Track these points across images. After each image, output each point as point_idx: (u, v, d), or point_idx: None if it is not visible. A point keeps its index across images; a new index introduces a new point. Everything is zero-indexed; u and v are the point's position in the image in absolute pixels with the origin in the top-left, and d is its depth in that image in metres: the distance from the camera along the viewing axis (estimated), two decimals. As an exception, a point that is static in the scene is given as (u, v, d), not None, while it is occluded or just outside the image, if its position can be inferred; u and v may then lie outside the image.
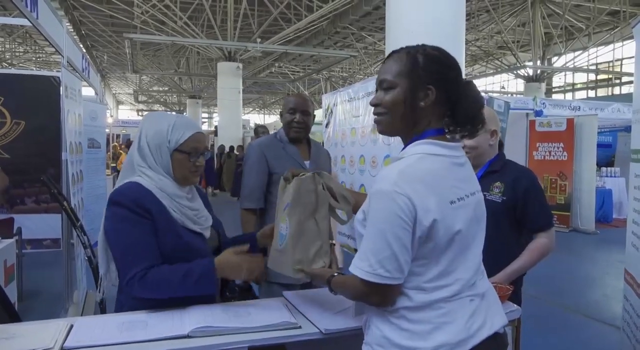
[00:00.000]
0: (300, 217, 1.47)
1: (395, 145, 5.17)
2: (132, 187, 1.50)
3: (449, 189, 1.17)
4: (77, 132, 4.42)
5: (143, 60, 22.09)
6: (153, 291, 1.44)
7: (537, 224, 2.04)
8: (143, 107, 37.52)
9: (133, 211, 1.45)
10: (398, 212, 1.11)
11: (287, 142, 2.55)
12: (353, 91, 6.48)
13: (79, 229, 3.46)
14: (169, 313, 1.47)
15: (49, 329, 1.36)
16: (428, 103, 1.20)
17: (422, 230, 1.12)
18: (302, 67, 23.85)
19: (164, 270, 1.44)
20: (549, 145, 8.97)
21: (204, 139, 1.61)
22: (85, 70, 5.47)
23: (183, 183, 1.59)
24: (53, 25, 3.78)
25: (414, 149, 1.21)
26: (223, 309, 1.49)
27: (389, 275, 1.13)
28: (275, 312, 1.49)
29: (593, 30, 16.71)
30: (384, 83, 1.25)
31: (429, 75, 1.20)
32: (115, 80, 31.57)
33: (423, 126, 1.23)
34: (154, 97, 33.33)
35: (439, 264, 1.16)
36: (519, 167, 2.16)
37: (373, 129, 5.79)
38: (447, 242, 1.16)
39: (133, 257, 1.44)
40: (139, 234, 1.45)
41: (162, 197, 1.51)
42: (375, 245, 1.13)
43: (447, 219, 1.15)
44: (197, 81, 25.24)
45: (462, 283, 1.18)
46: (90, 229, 4.97)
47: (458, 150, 1.25)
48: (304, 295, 1.70)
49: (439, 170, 1.18)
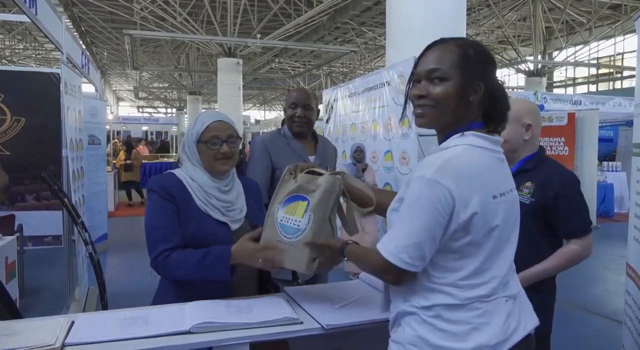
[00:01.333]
0: (324, 216, 1.46)
1: (396, 141, 5.15)
2: (165, 175, 1.66)
3: (492, 183, 1.16)
4: (77, 129, 4.41)
5: (143, 56, 22.05)
6: (173, 272, 1.52)
7: (568, 230, 1.91)
8: (143, 103, 37.51)
9: (161, 196, 1.58)
10: (435, 203, 1.10)
11: (291, 137, 2.54)
12: (353, 86, 6.46)
13: (80, 226, 3.46)
14: (170, 309, 1.47)
15: (50, 325, 1.35)
16: (476, 99, 1.19)
17: (458, 223, 1.11)
18: (303, 62, 23.79)
19: (186, 252, 1.52)
20: (550, 140, 8.96)
21: (223, 126, 1.65)
22: (85, 67, 5.46)
23: (215, 173, 1.65)
24: (52, 21, 3.77)
25: (459, 140, 1.19)
26: (224, 305, 1.48)
27: (409, 262, 1.13)
28: (276, 308, 1.49)
29: (594, 24, 16.63)
30: (436, 72, 1.19)
31: (478, 70, 1.19)
32: (115, 77, 31.52)
33: (465, 121, 1.21)
34: (154, 94, 33.29)
35: (475, 260, 1.15)
36: (556, 167, 1.99)
37: (373, 124, 5.78)
38: (484, 237, 1.14)
39: (158, 237, 1.54)
40: (165, 216, 1.56)
41: (192, 185, 1.61)
42: (404, 230, 1.14)
43: (487, 213, 1.13)
44: (197, 77, 25.19)
45: (497, 281, 1.17)
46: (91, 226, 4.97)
47: (499, 145, 1.24)
48: (306, 290, 1.70)
49: (484, 163, 1.17)
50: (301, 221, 1.47)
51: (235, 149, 1.66)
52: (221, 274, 1.51)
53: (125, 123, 22.83)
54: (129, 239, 7.42)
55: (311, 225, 1.45)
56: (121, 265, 6.01)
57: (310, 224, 1.45)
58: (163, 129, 24.25)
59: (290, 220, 1.49)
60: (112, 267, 5.85)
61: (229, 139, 1.65)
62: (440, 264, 1.16)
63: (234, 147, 1.66)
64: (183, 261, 1.51)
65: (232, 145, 1.66)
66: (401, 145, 5.04)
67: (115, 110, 34.58)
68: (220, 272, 1.50)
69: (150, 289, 1.71)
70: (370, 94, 5.87)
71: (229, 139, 1.65)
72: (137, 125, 23.40)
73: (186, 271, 1.51)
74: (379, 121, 5.58)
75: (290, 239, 1.47)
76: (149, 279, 1.73)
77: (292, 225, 1.48)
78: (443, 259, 1.16)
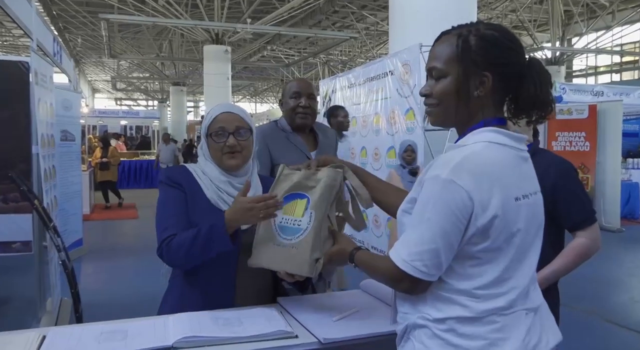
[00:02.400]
0: (324, 213, 1.48)
1: (400, 136, 5.16)
2: (174, 167, 1.79)
3: (514, 184, 1.16)
4: (49, 124, 4.40)
5: (121, 43, 22.00)
6: (174, 256, 1.56)
7: (572, 221, 1.97)
8: (122, 95, 37.43)
9: (167, 184, 1.68)
10: (452, 206, 1.09)
11: (290, 131, 2.55)
12: (354, 76, 6.47)
13: (52, 230, 3.45)
14: (151, 321, 1.47)
15: (19, 341, 1.35)
16: (484, 92, 1.18)
17: (477, 227, 1.11)
18: (297, 50, 23.78)
19: (183, 234, 1.56)
20: (569, 135, 8.99)
21: (230, 118, 1.70)
22: (57, 55, 5.44)
23: (226, 168, 1.69)
24: (21, 4, 3.76)
25: (478, 136, 1.18)
26: (212, 317, 1.48)
27: (425, 270, 1.12)
28: (269, 320, 1.48)
29: (617, 8, 16.68)
30: (434, 71, 1.23)
31: (484, 61, 1.17)
32: (91, 66, 31.43)
33: (480, 116, 1.21)
34: (134, 85, 33.23)
35: (494, 268, 1.14)
36: (550, 157, 2.08)
37: (375, 117, 5.78)
38: (504, 243, 1.14)
39: (165, 226, 1.60)
40: (171, 204, 1.64)
41: (202, 178, 1.69)
42: (419, 236, 1.13)
43: (508, 216, 1.13)
44: (181, 66, 25.15)
45: (517, 292, 1.16)
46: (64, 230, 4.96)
47: (523, 143, 1.23)
48: (301, 301, 1.70)
49: (506, 161, 1.16)
50: (302, 220, 1.48)
51: (246, 142, 1.69)
52: (221, 244, 1.51)
53: (102, 117, 22.78)
54: (107, 245, 7.40)
55: (313, 224, 1.46)
56: (98, 274, 6.00)
57: (312, 222, 1.46)
58: (144, 123, 24.19)
59: (290, 220, 1.50)
60: (87, 276, 5.84)
61: (236, 131, 1.68)
62: (455, 271, 1.16)
63: (244, 139, 1.69)
64: (181, 241, 1.54)
65: (241, 137, 1.68)
66: (406, 140, 5.04)
67: (91, 103, 34.52)
68: (219, 242, 1.51)
69: (130, 299, 1.72)
70: (372, 85, 5.87)
71: (236, 131, 1.68)
72: (114, 119, 23.33)
73: (185, 251, 1.53)
74: (382, 114, 5.59)
75: (291, 240, 1.48)
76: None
77: (291, 225, 1.49)
78: (459, 265, 1.15)
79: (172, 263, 1.63)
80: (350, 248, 1.39)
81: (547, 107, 1.21)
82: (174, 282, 1.71)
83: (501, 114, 1.23)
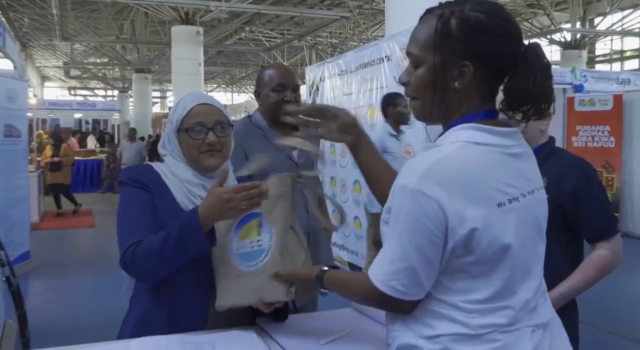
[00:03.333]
0: (285, 223, 1.49)
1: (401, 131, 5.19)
2: (137, 166, 1.77)
3: (497, 188, 1.16)
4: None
5: (75, 24, 21.83)
6: (142, 265, 1.53)
7: (594, 231, 2.00)
8: (76, 84, 37.14)
9: (129, 184, 1.65)
10: (422, 218, 1.10)
11: (267, 127, 2.53)
12: (344, 62, 6.49)
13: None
14: (110, 347, 1.47)
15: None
16: (464, 84, 1.19)
17: (455, 240, 1.12)
18: (280, 31, 23.76)
19: (151, 238, 1.53)
20: (591, 129, 9.06)
21: (209, 110, 1.69)
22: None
23: (201, 168, 1.69)
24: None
25: (455, 135, 1.19)
26: (180, 341, 1.48)
27: (402, 290, 1.14)
28: (245, 345, 1.49)
29: (646, -16, 16.87)
30: (410, 57, 1.25)
31: (464, 49, 1.17)
32: (40, 50, 31.15)
33: (464, 110, 1.21)
34: (91, 72, 32.99)
35: (488, 283, 1.15)
36: (569, 157, 2.12)
37: (369, 110, 5.81)
38: (496, 256, 1.14)
39: (127, 231, 1.58)
40: (136, 206, 1.62)
41: (171, 180, 1.67)
42: (392, 253, 1.15)
43: (492, 227, 1.13)
44: (145, 51, 25.01)
45: (519, 306, 1.17)
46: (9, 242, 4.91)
47: (512, 137, 1.22)
48: (284, 322, 1.70)
49: (485, 163, 1.16)
50: (261, 239, 1.49)
51: (226, 138, 1.69)
52: (196, 245, 1.50)
53: (53, 109, 22.61)
54: (58, 258, 7.34)
55: (275, 239, 1.48)
56: (48, 292, 5.96)
57: (274, 237, 1.48)
58: (102, 116, 24.08)
59: (248, 244, 1.51)
60: (36, 295, 5.79)
61: (216, 126, 1.67)
62: (444, 284, 1.17)
63: (224, 136, 1.69)
64: (149, 247, 1.51)
65: (221, 133, 1.68)
66: (405, 135, 5.07)
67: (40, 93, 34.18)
68: (193, 243, 1.49)
69: (86, 321, 1.72)
70: (366, 72, 5.89)
71: (216, 126, 1.68)
72: (68, 111, 23.19)
73: (155, 258, 1.50)
74: (377, 106, 5.60)
75: (256, 265, 1.50)
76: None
77: (251, 249, 1.51)
78: (447, 279, 1.17)
79: (140, 274, 1.59)
80: (315, 272, 1.39)
81: (540, 102, 1.20)
82: (135, 300, 1.69)
83: (489, 106, 1.23)
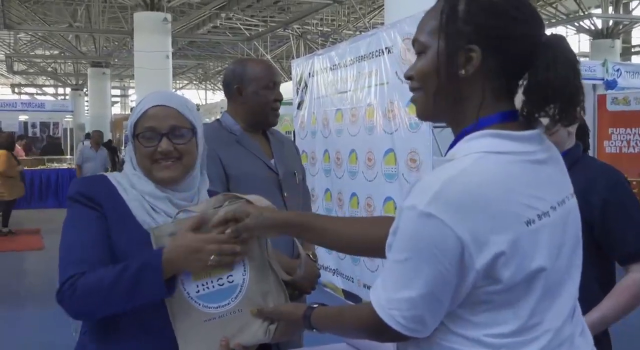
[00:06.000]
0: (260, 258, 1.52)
1: (402, 135, 5.19)
2: (89, 178, 1.77)
3: (524, 203, 1.15)
4: None
5: (20, 10, 21.79)
6: (81, 303, 1.51)
7: (626, 251, 2.01)
8: (21, 80, 36.98)
9: (77, 201, 1.63)
10: (432, 247, 1.11)
11: (241, 132, 2.55)
12: (338, 54, 6.49)
13: None
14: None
15: None
16: (471, 70, 1.20)
17: (476, 270, 1.11)
18: (262, 18, 23.82)
19: (99, 272, 1.51)
20: (626, 132, 9.10)
21: (164, 113, 1.66)
22: None
23: (156, 180, 1.66)
24: None
25: (469, 146, 1.19)
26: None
27: (402, 323, 1.14)
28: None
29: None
30: (415, 45, 1.29)
31: (472, 31, 1.20)
32: (-22, 41, 31.11)
33: (474, 107, 1.22)
34: (38, 66, 32.90)
35: (518, 314, 1.15)
36: (597, 165, 2.14)
37: (368, 110, 5.81)
38: (525, 282, 1.15)
39: (69, 260, 1.55)
40: (82, 230, 1.60)
41: (129, 193, 1.66)
42: (394, 278, 1.16)
43: (521, 249, 1.13)
44: (103, 41, 24.98)
45: (549, 337, 1.18)
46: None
47: (534, 141, 1.22)
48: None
49: (508, 176, 1.16)
50: (233, 274, 1.50)
51: (186, 145, 1.66)
52: (153, 292, 1.49)
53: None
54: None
55: (250, 273, 1.50)
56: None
57: (248, 271, 1.50)
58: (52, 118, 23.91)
59: (213, 283, 1.51)
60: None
61: (172, 132, 1.65)
62: (465, 318, 1.17)
63: (182, 143, 1.66)
64: (95, 282, 1.49)
65: (179, 140, 1.65)
66: (409, 141, 5.07)
67: (-22, 91, 34.08)
68: (150, 288, 1.48)
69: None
70: (363, 66, 5.90)
71: (172, 131, 1.65)
72: (11, 113, 23.02)
73: (100, 296, 1.49)
74: (377, 106, 5.62)
75: (228, 305, 1.50)
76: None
77: (220, 287, 1.51)
78: (468, 311, 1.17)
79: (77, 312, 1.57)
80: (302, 311, 1.40)
81: (571, 102, 1.20)
82: (83, 340, 1.66)
83: (505, 107, 1.24)
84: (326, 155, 6.52)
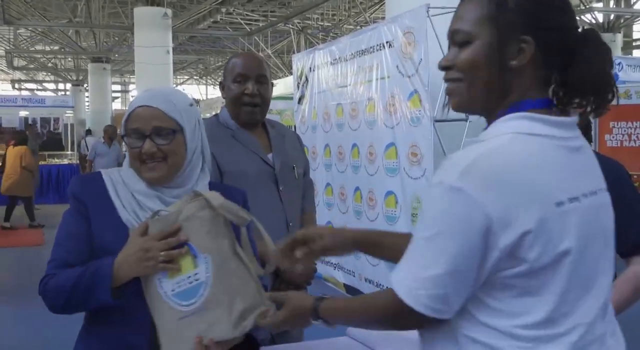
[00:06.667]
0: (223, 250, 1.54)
1: (403, 129, 5.19)
2: (82, 176, 1.87)
3: (555, 185, 1.16)
4: None
5: (20, 5, 21.77)
6: (52, 302, 1.61)
7: (627, 244, 1.99)
8: (21, 76, 36.96)
9: (72, 201, 1.70)
10: (460, 223, 1.11)
11: (237, 127, 2.54)
12: (338, 49, 6.49)
13: None
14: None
15: None
16: (523, 61, 1.21)
17: (500, 249, 1.11)
18: (263, 13, 23.78)
19: (67, 273, 1.58)
20: (627, 126, 9.09)
21: (148, 113, 1.64)
22: None
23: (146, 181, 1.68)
24: None
25: (503, 126, 1.20)
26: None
27: (427, 303, 1.13)
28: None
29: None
30: (457, 35, 1.27)
31: (524, 21, 1.20)
32: (-22, 36, 31.09)
33: (517, 96, 1.23)
34: (38, 62, 32.87)
35: (545, 301, 1.14)
36: (599, 159, 2.14)
37: (369, 104, 5.81)
38: (550, 266, 1.14)
39: (52, 257, 1.65)
40: (67, 229, 1.68)
41: (119, 191, 1.68)
42: (420, 257, 1.16)
43: (548, 229, 1.12)
44: (103, 37, 24.96)
45: (581, 331, 1.16)
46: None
47: (571, 128, 1.24)
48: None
49: (541, 156, 1.17)
50: (198, 271, 1.52)
51: (170, 146, 1.64)
52: (100, 297, 1.53)
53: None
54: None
55: (214, 269, 1.51)
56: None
57: (212, 267, 1.51)
58: (52, 114, 23.90)
59: (183, 281, 1.52)
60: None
61: (156, 133, 1.63)
62: (490, 305, 1.16)
63: (165, 143, 1.63)
64: (60, 284, 1.57)
65: (163, 140, 1.63)
66: (410, 135, 5.08)
67: (-22, 87, 34.08)
68: (98, 291, 1.52)
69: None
70: (364, 60, 5.90)
71: (155, 132, 1.63)
72: (11, 109, 23.02)
73: (63, 297, 1.57)
74: (378, 100, 5.62)
75: (196, 303, 1.51)
76: None
77: (188, 285, 1.52)
78: (492, 297, 1.16)
79: (51, 308, 1.64)
80: (309, 302, 1.39)
81: (606, 91, 1.22)
82: (80, 333, 1.73)
83: (545, 95, 1.25)
84: (327, 150, 6.52)
